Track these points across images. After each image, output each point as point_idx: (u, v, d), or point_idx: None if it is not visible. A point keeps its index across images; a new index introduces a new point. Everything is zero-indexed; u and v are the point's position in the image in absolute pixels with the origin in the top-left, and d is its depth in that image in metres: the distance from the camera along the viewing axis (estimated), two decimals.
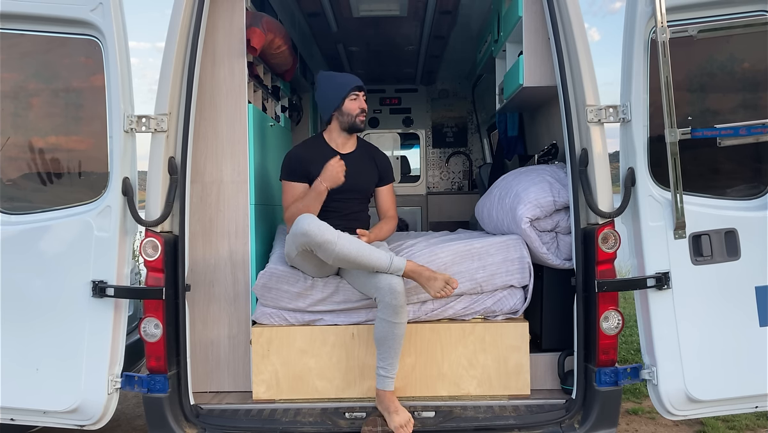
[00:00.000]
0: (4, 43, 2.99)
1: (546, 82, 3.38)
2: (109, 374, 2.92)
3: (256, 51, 3.51)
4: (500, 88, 4.29)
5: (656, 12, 2.78)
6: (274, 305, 3.27)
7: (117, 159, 2.92)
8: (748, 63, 3.02)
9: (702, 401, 2.91)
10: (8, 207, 3.03)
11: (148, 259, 2.95)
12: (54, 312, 2.93)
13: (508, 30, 3.90)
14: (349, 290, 3.24)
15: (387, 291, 2.95)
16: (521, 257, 3.31)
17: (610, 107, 2.94)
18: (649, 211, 2.90)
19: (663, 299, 2.89)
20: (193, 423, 2.99)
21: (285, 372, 3.22)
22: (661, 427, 4.49)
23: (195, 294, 3.27)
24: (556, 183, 3.35)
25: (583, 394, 2.98)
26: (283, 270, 3.27)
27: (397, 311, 2.96)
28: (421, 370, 3.22)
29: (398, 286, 2.96)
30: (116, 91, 2.90)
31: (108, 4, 2.87)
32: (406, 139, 7.42)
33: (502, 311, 3.29)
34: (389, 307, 2.96)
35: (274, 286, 3.24)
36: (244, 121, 3.33)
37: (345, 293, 3.25)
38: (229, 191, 3.33)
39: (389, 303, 2.95)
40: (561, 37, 3.01)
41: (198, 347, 3.30)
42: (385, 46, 5.64)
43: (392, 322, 2.97)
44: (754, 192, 3.01)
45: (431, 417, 2.98)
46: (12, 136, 3.04)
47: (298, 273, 3.27)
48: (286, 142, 4.55)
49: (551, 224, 3.34)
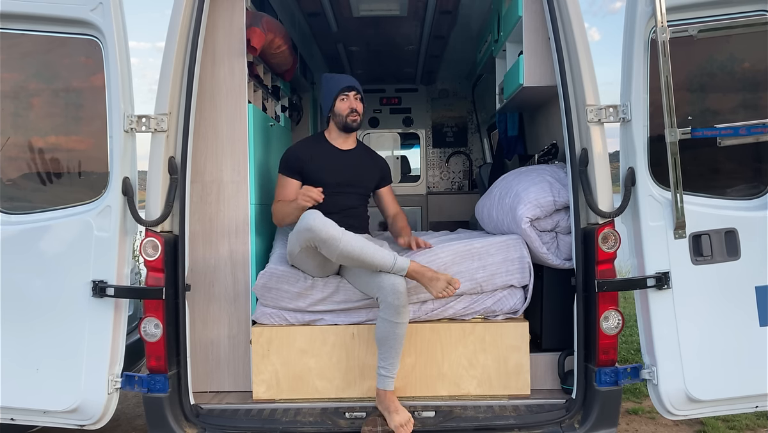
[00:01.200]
0: (4, 42, 2.99)
1: (546, 81, 3.38)
2: (109, 374, 2.92)
3: (256, 51, 3.51)
4: (500, 88, 4.29)
5: (656, 12, 2.78)
6: (274, 305, 3.27)
7: (117, 159, 2.92)
8: (748, 63, 3.01)
9: (702, 401, 2.91)
10: (8, 207, 3.03)
11: (148, 259, 2.95)
12: (54, 312, 2.93)
13: (508, 30, 3.90)
14: (350, 289, 3.24)
15: (390, 291, 2.95)
16: (521, 257, 3.31)
17: (610, 107, 2.94)
18: (649, 211, 2.90)
19: (663, 299, 2.89)
20: (193, 423, 2.99)
21: (285, 372, 3.22)
22: (661, 427, 4.49)
23: (195, 294, 3.27)
24: (556, 183, 3.35)
25: (583, 394, 2.98)
26: (283, 270, 3.27)
27: (400, 311, 2.96)
28: (421, 370, 3.22)
29: (401, 286, 2.96)
30: (116, 91, 2.90)
31: (108, 4, 2.87)
32: (406, 139, 7.42)
33: (502, 310, 3.29)
34: (391, 307, 2.96)
35: (274, 286, 3.24)
36: (244, 120, 3.33)
37: (345, 292, 3.25)
38: (229, 191, 3.33)
39: (392, 303, 2.95)
40: (561, 37, 3.01)
41: (198, 347, 3.30)
42: (385, 46, 5.64)
43: (394, 322, 2.97)
44: (754, 192, 3.01)
45: (431, 417, 2.99)
46: (12, 136, 3.04)
47: (299, 273, 3.27)
48: (286, 142, 4.55)
49: (551, 224, 3.34)
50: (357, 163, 3.58)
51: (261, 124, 3.71)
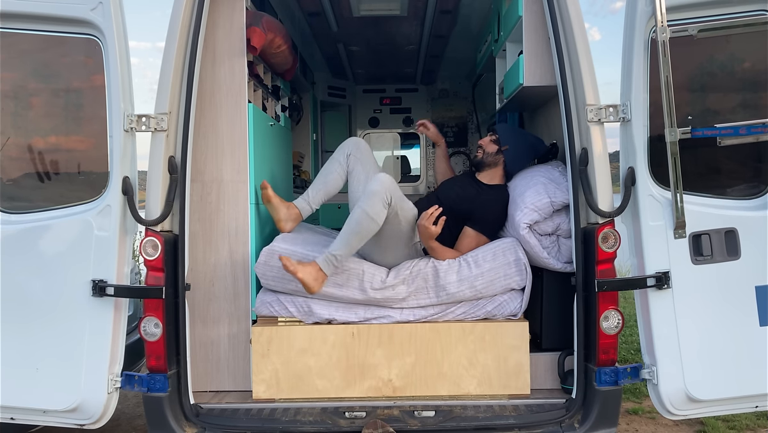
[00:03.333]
0: (4, 42, 2.99)
1: (546, 81, 3.38)
2: (109, 374, 2.92)
3: (256, 50, 3.51)
4: (500, 88, 4.28)
5: (656, 11, 2.78)
6: (276, 286, 3.27)
7: (117, 158, 2.92)
8: (748, 63, 3.01)
9: (702, 401, 2.91)
10: (8, 206, 3.03)
11: (148, 258, 2.95)
12: (54, 311, 2.93)
13: (508, 29, 3.90)
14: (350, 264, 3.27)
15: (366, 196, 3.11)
16: (517, 259, 3.30)
17: (610, 107, 2.94)
18: (649, 211, 2.90)
19: (663, 299, 2.89)
20: (193, 422, 2.99)
21: (285, 371, 3.22)
22: (661, 427, 4.49)
23: (195, 293, 3.27)
24: (551, 183, 3.35)
25: (583, 394, 2.98)
26: (284, 248, 3.28)
27: (375, 207, 3.09)
28: (421, 370, 3.22)
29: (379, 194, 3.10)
30: (116, 91, 2.90)
31: (108, 4, 2.87)
32: (406, 139, 7.41)
33: (503, 314, 3.30)
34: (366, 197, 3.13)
35: (276, 264, 3.24)
36: (244, 120, 3.33)
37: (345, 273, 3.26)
38: (229, 191, 3.34)
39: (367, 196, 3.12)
40: (561, 37, 3.01)
41: (198, 347, 3.30)
42: (385, 46, 5.64)
43: (365, 211, 3.09)
44: (754, 192, 3.01)
45: (431, 417, 2.98)
46: (12, 135, 3.04)
47: (298, 252, 3.28)
48: (286, 141, 4.55)
49: (552, 227, 3.33)
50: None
51: (261, 123, 3.71)
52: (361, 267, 3.27)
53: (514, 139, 3.70)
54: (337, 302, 3.27)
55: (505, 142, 3.68)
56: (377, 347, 3.22)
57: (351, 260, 3.28)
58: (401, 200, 3.20)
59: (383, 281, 3.23)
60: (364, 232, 3.12)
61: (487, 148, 3.68)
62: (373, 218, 3.09)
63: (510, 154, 3.65)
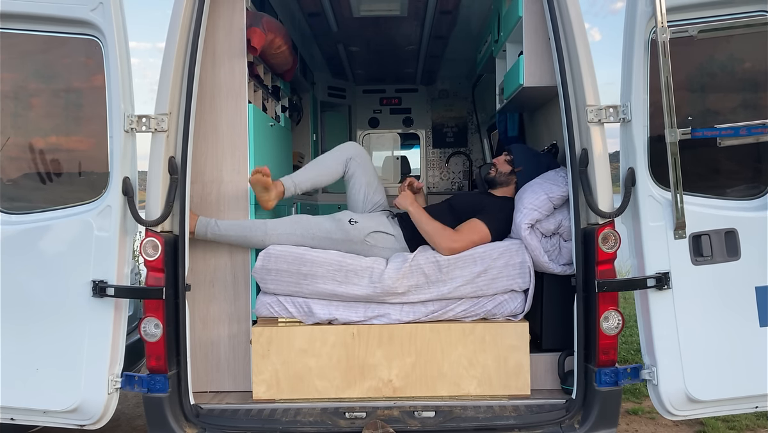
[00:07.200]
0: (4, 42, 2.99)
1: (546, 82, 3.38)
2: (109, 374, 2.91)
3: (256, 51, 3.51)
4: (500, 88, 4.29)
5: (656, 12, 2.78)
6: (275, 289, 3.27)
7: (117, 159, 2.92)
8: (748, 63, 3.02)
9: (702, 401, 2.91)
10: (8, 207, 3.03)
11: (148, 259, 2.95)
12: (54, 312, 2.93)
13: (508, 30, 3.90)
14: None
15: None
16: (522, 262, 3.30)
17: (610, 107, 2.94)
18: (649, 212, 2.90)
19: (663, 299, 2.89)
20: (193, 423, 2.99)
21: (285, 372, 3.22)
22: (661, 427, 4.49)
23: (195, 294, 3.27)
24: (546, 182, 3.38)
25: (583, 394, 2.98)
26: (281, 249, 3.27)
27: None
28: (421, 370, 3.22)
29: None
30: (116, 91, 2.90)
31: (108, 4, 2.87)
32: (406, 139, 7.42)
33: (503, 314, 3.29)
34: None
35: (273, 267, 3.24)
36: (245, 121, 3.33)
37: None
38: (229, 191, 3.34)
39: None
40: (561, 37, 3.01)
41: (198, 347, 3.30)
42: (385, 46, 5.64)
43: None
44: (754, 192, 3.01)
45: (431, 417, 2.98)
46: (12, 136, 3.04)
47: (294, 252, 3.28)
48: (286, 142, 4.55)
49: (554, 225, 3.32)
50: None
51: (261, 124, 3.71)
52: (360, 263, 3.27)
53: (528, 161, 3.68)
54: (337, 301, 3.27)
55: (519, 163, 3.67)
56: (377, 348, 3.22)
57: (349, 257, 3.30)
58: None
59: (382, 274, 3.23)
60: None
61: (501, 168, 3.69)
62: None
63: (523, 175, 3.63)
